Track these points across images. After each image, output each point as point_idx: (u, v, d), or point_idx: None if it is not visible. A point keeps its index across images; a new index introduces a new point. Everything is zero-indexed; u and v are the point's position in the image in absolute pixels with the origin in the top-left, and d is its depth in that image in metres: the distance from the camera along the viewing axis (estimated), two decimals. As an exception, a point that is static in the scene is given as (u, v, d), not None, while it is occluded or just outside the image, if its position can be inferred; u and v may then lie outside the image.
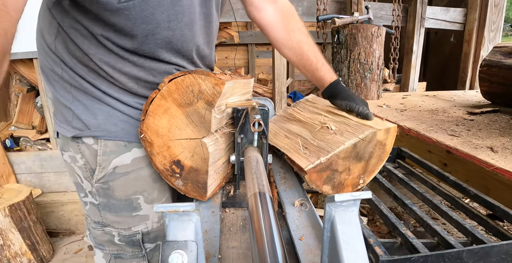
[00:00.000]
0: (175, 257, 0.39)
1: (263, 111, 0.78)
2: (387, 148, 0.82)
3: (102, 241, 0.87)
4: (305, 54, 0.96)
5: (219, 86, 0.67)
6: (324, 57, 1.00)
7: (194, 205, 0.41)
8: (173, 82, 0.68)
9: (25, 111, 2.39)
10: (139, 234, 0.84)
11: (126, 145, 0.80)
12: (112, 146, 0.79)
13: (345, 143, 0.75)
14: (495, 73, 1.71)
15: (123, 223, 0.83)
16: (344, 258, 0.37)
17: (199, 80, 0.67)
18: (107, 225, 0.85)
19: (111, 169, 0.79)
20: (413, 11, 2.52)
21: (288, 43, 0.96)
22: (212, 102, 0.68)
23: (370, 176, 0.84)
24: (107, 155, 0.79)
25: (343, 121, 0.86)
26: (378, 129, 0.77)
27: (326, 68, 0.97)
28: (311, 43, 0.97)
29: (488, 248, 0.63)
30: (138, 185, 0.82)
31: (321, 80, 0.96)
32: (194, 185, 0.77)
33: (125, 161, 0.80)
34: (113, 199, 0.82)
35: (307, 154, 0.80)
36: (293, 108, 1.10)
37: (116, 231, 0.84)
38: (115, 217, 0.83)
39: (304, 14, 2.39)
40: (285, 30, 0.96)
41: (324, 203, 0.41)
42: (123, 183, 0.81)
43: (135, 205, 0.83)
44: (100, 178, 0.80)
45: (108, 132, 0.78)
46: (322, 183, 0.78)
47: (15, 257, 1.90)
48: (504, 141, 1.13)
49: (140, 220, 0.84)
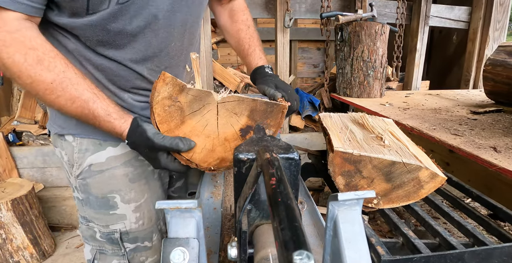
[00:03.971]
0: (176, 254, 0.39)
1: (290, 163, 0.46)
2: (421, 192, 0.79)
3: (87, 235, 0.90)
4: (241, 40, 1.03)
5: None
6: (260, 46, 1.05)
7: (196, 202, 0.40)
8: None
9: (28, 106, 2.39)
10: (117, 233, 0.86)
11: (101, 144, 0.82)
12: (87, 144, 0.81)
13: (385, 156, 0.75)
14: (499, 73, 1.70)
15: (101, 219, 0.86)
16: (346, 257, 0.37)
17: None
18: (90, 221, 0.88)
19: (87, 166, 0.82)
20: (418, 9, 2.49)
21: (230, 31, 1.06)
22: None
23: (387, 203, 0.81)
24: (82, 153, 0.81)
25: (399, 144, 0.85)
26: (425, 167, 0.75)
27: (256, 55, 1.01)
28: (250, 31, 1.05)
29: (491, 250, 0.63)
30: (113, 184, 0.84)
31: (249, 65, 1.02)
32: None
33: (99, 159, 0.82)
34: (91, 196, 0.84)
35: (346, 143, 0.80)
36: (362, 114, 1.09)
37: (97, 227, 0.87)
38: (94, 214, 0.86)
39: (307, 11, 2.37)
40: (230, 20, 1.05)
41: (327, 202, 0.41)
42: (99, 181, 0.83)
43: (111, 204, 0.84)
44: (78, 174, 0.83)
45: (83, 130, 0.80)
46: (340, 173, 0.77)
47: (17, 251, 1.92)
48: (508, 141, 1.12)
49: (117, 219, 0.86)
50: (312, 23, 4.24)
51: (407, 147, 0.83)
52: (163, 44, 0.78)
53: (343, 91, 2.14)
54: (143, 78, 0.80)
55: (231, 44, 1.08)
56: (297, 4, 2.33)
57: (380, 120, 1.07)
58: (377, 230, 2.09)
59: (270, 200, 0.32)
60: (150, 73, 0.80)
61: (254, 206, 0.47)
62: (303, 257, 0.22)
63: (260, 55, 1.01)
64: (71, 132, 0.81)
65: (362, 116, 1.06)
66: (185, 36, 0.83)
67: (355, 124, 1.01)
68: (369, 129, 0.94)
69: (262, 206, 0.47)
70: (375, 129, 0.93)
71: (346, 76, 2.08)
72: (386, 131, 0.92)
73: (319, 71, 4.39)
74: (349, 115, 1.10)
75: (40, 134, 2.33)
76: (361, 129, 0.95)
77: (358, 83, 2.05)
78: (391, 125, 1.03)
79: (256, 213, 0.47)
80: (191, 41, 0.87)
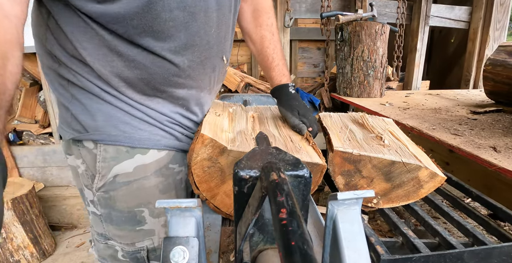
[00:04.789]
0: (176, 253, 0.39)
1: (300, 181, 0.41)
2: (421, 192, 0.79)
3: (105, 255, 0.81)
4: (264, 50, 0.96)
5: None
6: (284, 59, 0.98)
7: (197, 201, 0.41)
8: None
9: (28, 105, 2.39)
10: (144, 251, 0.77)
11: (128, 151, 0.71)
12: (112, 151, 0.70)
13: (385, 155, 0.75)
14: (499, 73, 1.70)
15: (125, 237, 0.76)
16: (346, 257, 0.37)
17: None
18: (110, 238, 0.78)
19: (111, 177, 0.71)
20: (418, 8, 2.49)
21: (253, 36, 0.97)
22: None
23: (386, 203, 0.81)
24: (107, 162, 0.70)
25: (399, 144, 0.85)
26: (425, 166, 0.75)
27: (279, 70, 0.96)
28: (274, 41, 0.96)
29: (490, 249, 0.63)
30: (142, 197, 0.73)
31: (271, 80, 0.96)
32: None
33: (126, 169, 0.71)
34: (115, 211, 0.74)
35: (346, 143, 0.80)
36: (362, 114, 1.09)
37: (120, 245, 0.77)
38: (117, 231, 0.75)
39: (308, 11, 2.38)
40: (254, 23, 0.96)
41: (327, 201, 0.41)
42: (125, 194, 0.72)
43: (139, 219, 0.74)
44: (100, 186, 0.72)
45: (108, 136, 0.69)
46: (340, 172, 0.77)
47: (17, 250, 1.92)
48: (507, 141, 1.12)
49: (144, 235, 0.76)
50: (312, 23, 4.23)
51: (407, 146, 0.83)
52: (203, 31, 0.71)
53: (343, 91, 2.14)
54: (182, 72, 0.72)
55: (251, 50, 1.00)
56: (297, 3, 2.34)
57: (380, 120, 1.07)
58: (377, 229, 2.09)
59: (280, 241, 0.26)
60: (190, 65, 0.73)
61: (257, 230, 0.41)
62: None
63: (283, 71, 0.96)
64: (92, 137, 0.69)
65: (362, 115, 1.05)
66: (223, 23, 0.76)
67: (355, 123, 1.01)
68: (369, 128, 0.94)
69: (266, 229, 0.41)
70: (375, 129, 0.93)
71: (346, 76, 2.08)
72: (386, 131, 0.92)
73: (319, 70, 4.39)
74: (349, 115, 1.10)
75: (40, 134, 2.34)
76: (361, 129, 0.95)
77: (358, 83, 2.05)
78: (391, 125, 1.03)
79: (259, 237, 0.42)
80: (227, 29, 0.80)
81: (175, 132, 0.78)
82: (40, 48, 0.71)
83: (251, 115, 0.95)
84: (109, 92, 0.69)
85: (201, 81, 0.79)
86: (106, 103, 0.69)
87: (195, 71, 0.76)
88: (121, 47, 0.65)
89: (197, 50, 0.73)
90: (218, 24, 0.75)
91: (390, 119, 1.10)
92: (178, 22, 0.67)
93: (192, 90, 0.78)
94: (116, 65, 0.67)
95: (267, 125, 0.88)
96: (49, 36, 0.67)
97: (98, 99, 0.69)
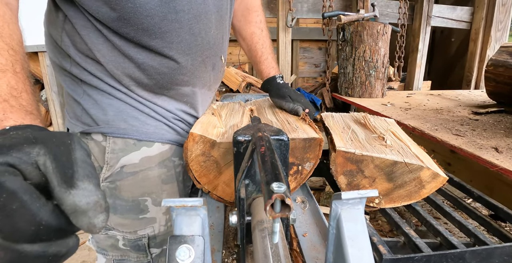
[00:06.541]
0: (182, 251, 0.39)
1: (280, 143, 0.56)
2: (422, 192, 0.80)
3: (105, 245, 0.83)
4: (254, 45, 1.01)
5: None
6: (273, 53, 1.03)
7: (202, 200, 0.41)
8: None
9: (30, 104, 2.40)
10: (145, 238, 0.81)
11: (135, 143, 0.77)
12: (120, 143, 0.76)
13: (387, 155, 0.75)
14: (501, 73, 1.70)
15: (128, 226, 0.80)
16: (349, 255, 0.38)
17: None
18: (111, 229, 0.81)
19: (119, 168, 0.76)
20: (420, 9, 2.49)
21: (243, 33, 1.04)
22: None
23: (388, 203, 0.81)
24: (115, 153, 0.76)
25: (401, 144, 0.85)
26: (426, 167, 0.75)
27: (268, 63, 1.00)
28: (263, 36, 1.02)
29: (491, 249, 0.63)
30: (146, 186, 0.79)
31: (261, 73, 1.01)
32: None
33: (133, 160, 0.77)
34: (120, 200, 0.78)
35: (348, 143, 0.81)
36: (364, 114, 1.10)
37: (121, 234, 0.81)
38: (120, 220, 0.80)
39: (309, 10, 2.38)
40: (244, 21, 1.03)
41: (331, 201, 0.41)
42: (131, 183, 0.78)
43: (142, 207, 0.79)
44: (107, 177, 0.77)
45: (117, 129, 0.75)
46: (342, 172, 0.78)
47: (19, 249, 1.93)
48: (509, 142, 1.12)
49: (146, 223, 0.81)
50: (314, 23, 4.24)
51: (409, 147, 0.84)
52: (204, 32, 0.77)
53: (344, 91, 2.15)
54: (187, 71, 0.78)
55: (242, 46, 1.06)
56: (299, 3, 2.34)
57: (382, 120, 1.07)
58: (379, 229, 2.09)
59: (259, 160, 0.41)
60: (194, 64, 0.78)
61: (251, 181, 0.55)
62: (278, 184, 0.33)
63: (272, 64, 1.01)
64: (102, 130, 0.74)
65: (364, 116, 1.06)
66: (221, 24, 0.82)
67: (357, 124, 1.01)
68: (371, 129, 0.94)
69: (258, 182, 0.55)
70: (377, 129, 0.93)
71: (348, 76, 2.09)
72: (388, 131, 0.93)
73: (320, 70, 4.39)
74: (351, 115, 1.10)
75: (42, 133, 2.34)
76: (363, 129, 0.95)
77: (359, 83, 2.05)
78: (393, 125, 1.03)
79: (252, 187, 0.55)
80: (224, 30, 0.86)
81: (178, 128, 0.85)
82: (54, 48, 0.75)
83: (249, 109, 0.99)
84: (120, 90, 0.75)
85: (203, 79, 0.85)
86: (116, 99, 0.75)
87: (198, 70, 0.82)
88: (131, 51, 0.71)
89: (199, 49, 0.79)
90: (217, 26, 0.82)
91: (392, 119, 1.11)
92: (184, 24, 0.73)
93: (195, 87, 0.85)
94: (127, 66, 0.72)
95: (265, 114, 0.93)
96: (64, 38, 0.72)
97: (109, 96, 0.75)
